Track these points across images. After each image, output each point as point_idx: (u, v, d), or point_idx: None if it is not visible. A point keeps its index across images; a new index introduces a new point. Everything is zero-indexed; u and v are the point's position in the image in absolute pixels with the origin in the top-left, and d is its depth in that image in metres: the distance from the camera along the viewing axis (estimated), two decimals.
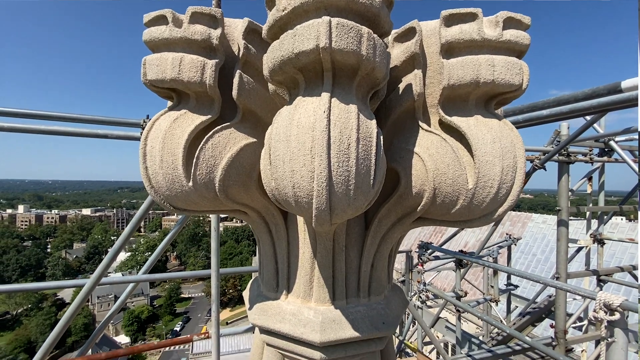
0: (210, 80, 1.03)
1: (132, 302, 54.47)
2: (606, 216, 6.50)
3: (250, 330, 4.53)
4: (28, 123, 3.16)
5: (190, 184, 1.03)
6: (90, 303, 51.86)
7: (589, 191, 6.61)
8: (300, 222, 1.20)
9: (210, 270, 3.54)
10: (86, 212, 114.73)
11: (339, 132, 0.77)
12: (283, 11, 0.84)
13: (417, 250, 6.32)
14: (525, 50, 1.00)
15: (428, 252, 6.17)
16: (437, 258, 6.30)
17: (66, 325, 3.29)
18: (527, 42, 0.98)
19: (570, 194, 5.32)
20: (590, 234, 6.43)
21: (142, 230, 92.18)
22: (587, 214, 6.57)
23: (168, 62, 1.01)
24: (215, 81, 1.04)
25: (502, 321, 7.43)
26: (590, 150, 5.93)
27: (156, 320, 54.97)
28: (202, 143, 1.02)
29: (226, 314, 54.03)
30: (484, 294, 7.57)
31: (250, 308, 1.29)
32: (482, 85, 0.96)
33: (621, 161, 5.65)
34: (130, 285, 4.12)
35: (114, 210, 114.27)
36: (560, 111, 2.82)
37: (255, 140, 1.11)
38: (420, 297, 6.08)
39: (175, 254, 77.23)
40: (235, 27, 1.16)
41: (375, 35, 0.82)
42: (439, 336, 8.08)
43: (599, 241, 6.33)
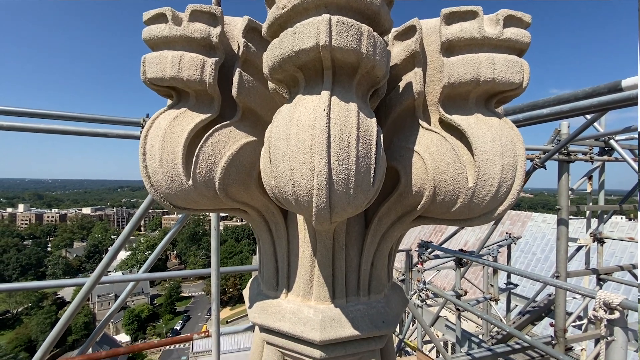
0: (209, 78, 1.03)
1: (133, 301, 54.54)
2: (606, 215, 6.51)
3: (251, 328, 4.54)
4: (28, 122, 3.16)
5: (190, 182, 1.02)
6: (90, 302, 51.91)
7: (589, 190, 6.62)
8: (300, 221, 1.20)
9: (211, 269, 3.54)
10: (86, 211, 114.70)
11: (339, 130, 0.77)
12: (283, 9, 0.84)
13: (417, 249, 6.33)
14: (525, 49, 0.99)
15: (428, 250, 6.18)
16: (437, 257, 6.31)
17: (66, 324, 3.30)
18: (527, 41, 0.98)
19: (570, 192, 5.32)
20: (590, 233, 6.43)
21: (142, 229, 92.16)
22: (587, 212, 6.58)
23: (168, 61, 1.01)
24: (214, 79, 1.04)
25: (501, 320, 7.43)
26: (590, 149, 5.94)
27: (156, 319, 55.03)
28: (201, 141, 1.02)
29: (226, 312, 54.10)
30: (483, 292, 7.57)
31: (250, 307, 1.29)
32: (482, 83, 0.96)
33: (621, 160, 5.65)
34: (131, 284, 4.13)
35: (114, 209, 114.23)
36: (561, 110, 2.82)
37: (255, 138, 1.11)
38: (420, 295, 6.08)
39: (175, 252, 77.21)
40: (235, 25, 1.15)
41: (375, 33, 0.82)
42: (438, 335, 8.10)
43: (599, 240, 6.34)
